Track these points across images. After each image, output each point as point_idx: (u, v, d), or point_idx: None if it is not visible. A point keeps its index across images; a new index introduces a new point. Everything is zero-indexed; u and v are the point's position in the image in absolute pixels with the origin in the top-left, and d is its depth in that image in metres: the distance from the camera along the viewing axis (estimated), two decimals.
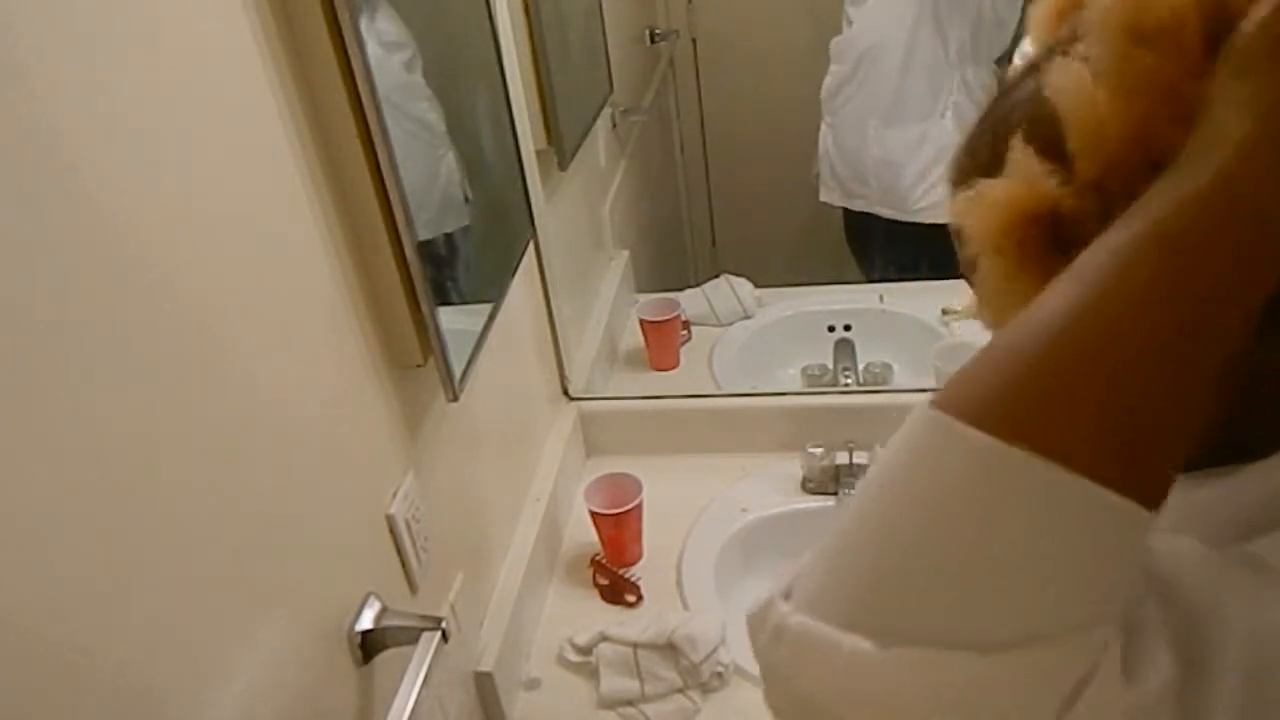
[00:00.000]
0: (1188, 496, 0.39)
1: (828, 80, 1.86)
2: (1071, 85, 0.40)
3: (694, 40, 2.19)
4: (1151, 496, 0.35)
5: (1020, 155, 0.42)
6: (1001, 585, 0.34)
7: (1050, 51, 0.44)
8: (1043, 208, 0.41)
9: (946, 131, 1.73)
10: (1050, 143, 0.41)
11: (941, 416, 0.36)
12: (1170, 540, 0.38)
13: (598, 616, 1.22)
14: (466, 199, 0.98)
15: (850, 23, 1.79)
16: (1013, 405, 0.35)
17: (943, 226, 0.48)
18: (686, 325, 1.69)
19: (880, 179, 1.83)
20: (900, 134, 1.78)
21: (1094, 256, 0.36)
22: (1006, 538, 0.34)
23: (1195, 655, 0.35)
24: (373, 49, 0.72)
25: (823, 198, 1.94)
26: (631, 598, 1.24)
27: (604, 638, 1.15)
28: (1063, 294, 0.36)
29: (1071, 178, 0.40)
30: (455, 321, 0.88)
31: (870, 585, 0.37)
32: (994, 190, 0.42)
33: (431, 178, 0.90)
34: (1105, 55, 0.39)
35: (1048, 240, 0.41)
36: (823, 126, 1.91)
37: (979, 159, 0.48)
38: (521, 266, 1.14)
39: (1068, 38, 0.43)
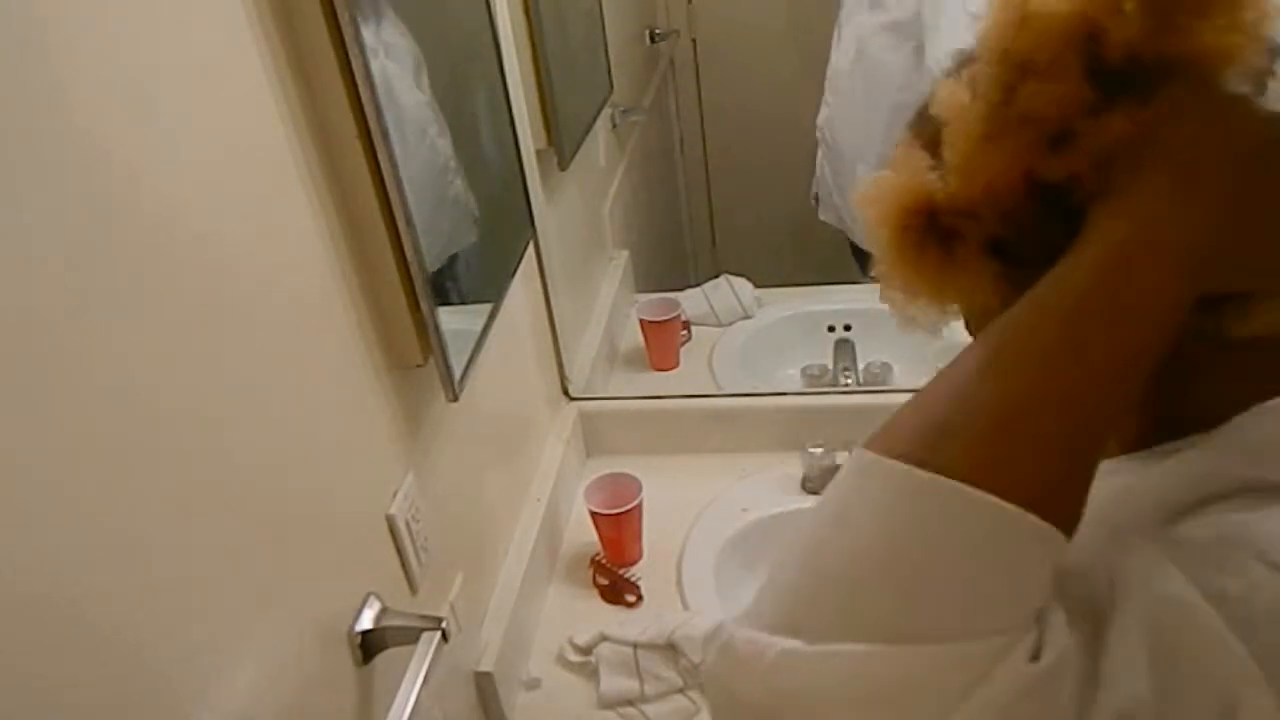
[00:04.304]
0: (1110, 483, 0.42)
1: (823, 111, 1.84)
2: (952, 107, 0.43)
3: (694, 40, 2.19)
4: (1063, 521, 0.38)
5: (906, 149, 0.46)
6: (924, 591, 0.37)
7: (961, 64, 0.46)
8: (920, 201, 0.45)
9: None
10: (934, 139, 0.45)
11: (865, 454, 0.41)
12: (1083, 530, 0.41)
13: (598, 616, 1.22)
14: (475, 220, 0.98)
15: (837, 47, 1.77)
16: (937, 442, 0.39)
17: None
18: (686, 325, 1.69)
19: None
20: None
21: (1000, 325, 0.41)
22: (929, 549, 0.38)
23: (1096, 627, 0.38)
24: (390, 67, 0.72)
25: (822, 216, 1.94)
26: (631, 598, 1.24)
27: (604, 638, 1.15)
28: (973, 353, 0.41)
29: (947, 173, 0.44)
30: (455, 321, 0.88)
31: (801, 595, 0.40)
32: (884, 182, 0.46)
33: (440, 204, 0.90)
34: (986, 79, 0.42)
35: (926, 229, 0.45)
36: (819, 154, 1.90)
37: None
38: (521, 266, 1.14)
39: (969, 57, 0.45)
